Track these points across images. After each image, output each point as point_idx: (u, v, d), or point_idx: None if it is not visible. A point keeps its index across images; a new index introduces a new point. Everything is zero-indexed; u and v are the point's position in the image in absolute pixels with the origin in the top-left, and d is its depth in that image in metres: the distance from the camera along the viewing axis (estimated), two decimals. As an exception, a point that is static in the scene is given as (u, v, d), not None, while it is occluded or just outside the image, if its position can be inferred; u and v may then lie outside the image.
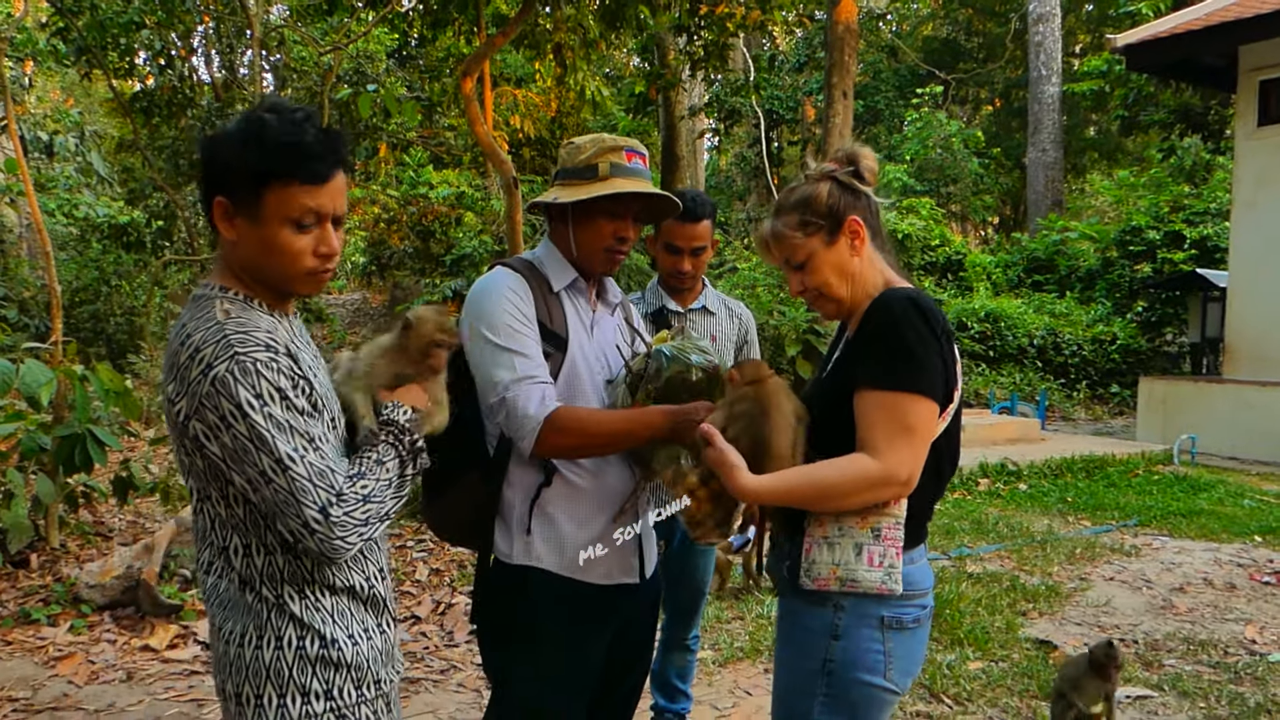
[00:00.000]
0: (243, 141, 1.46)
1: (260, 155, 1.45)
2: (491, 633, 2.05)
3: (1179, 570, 5.64)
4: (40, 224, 5.84)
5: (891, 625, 1.73)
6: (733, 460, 1.65)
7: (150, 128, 12.10)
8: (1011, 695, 3.74)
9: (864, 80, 21.33)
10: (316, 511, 1.44)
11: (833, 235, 1.80)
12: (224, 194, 1.49)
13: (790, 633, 1.84)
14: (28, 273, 11.76)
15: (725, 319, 3.11)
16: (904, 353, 1.66)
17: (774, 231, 1.85)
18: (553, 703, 1.97)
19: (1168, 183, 16.52)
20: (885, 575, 1.69)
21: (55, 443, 4.41)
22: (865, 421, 1.67)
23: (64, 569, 4.79)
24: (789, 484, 1.67)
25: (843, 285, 1.81)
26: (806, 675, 1.76)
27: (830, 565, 1.71)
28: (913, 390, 1.65)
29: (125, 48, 11.42)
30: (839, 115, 11.60)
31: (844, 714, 1.74)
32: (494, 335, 1.91)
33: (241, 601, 1.55)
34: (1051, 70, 19.42)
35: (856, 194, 1.83)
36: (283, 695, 1.53)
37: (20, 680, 3.75)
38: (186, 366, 1.44)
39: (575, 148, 2.05)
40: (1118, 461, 9.15)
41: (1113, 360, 14.49)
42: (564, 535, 1.96)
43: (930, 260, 16.09)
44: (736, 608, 4.75)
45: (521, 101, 15.06)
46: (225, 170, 1.48)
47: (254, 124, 1.47)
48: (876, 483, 1.64)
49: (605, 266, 2.08)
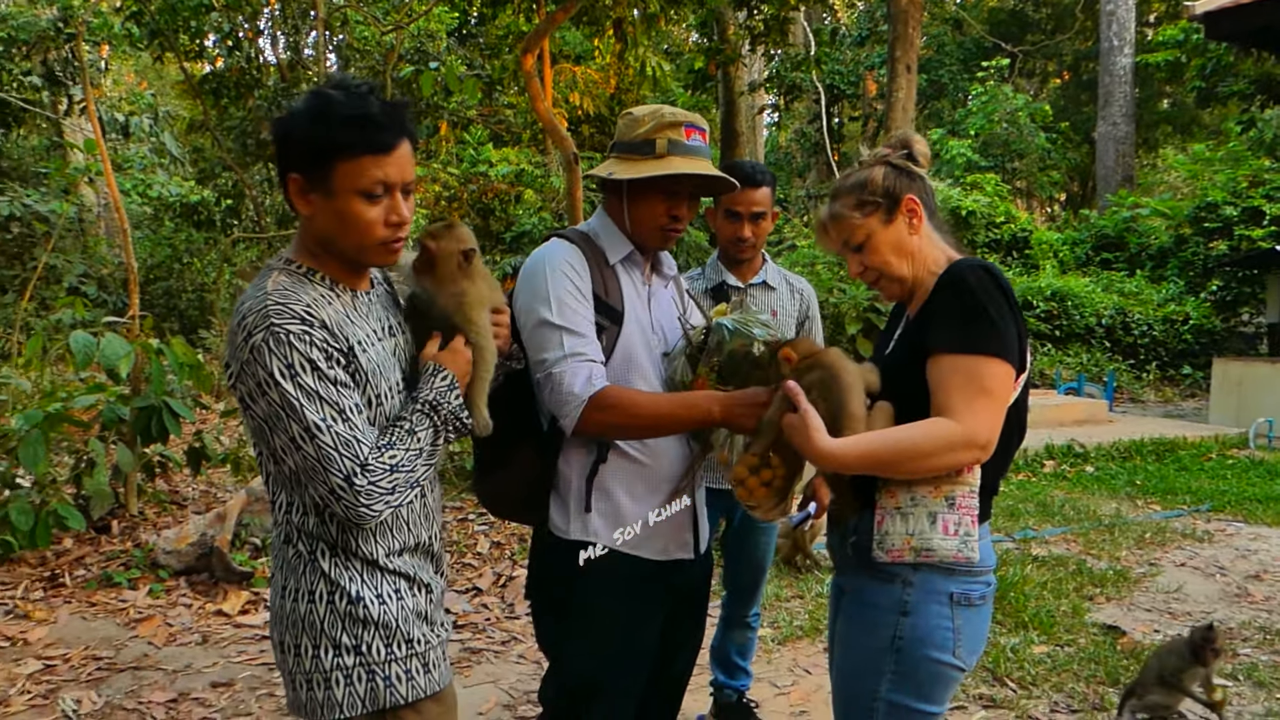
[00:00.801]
0: (311, 119, 1.52)
1: (328, 130, 1.50)
2: (547, 607, 2.05)
3: (1254, 557, 5.48)
4: (118, 203, 6.04)
5: (960, 601, 1.72)
6: (814, 422, 1.64)
7: (219, 108, 12.41)
8: (1078, 681, 3.67)
9: (927, 54, 20.90)
10: (341, 479, 1.48)
11: (890, 214, 1.80)
12: (297, 170, 1.54)
13: (855, 610, 1.83)
14: (106, 251, 12.18)
15: (786, 294, 3.07)
16: (980, 316, 1.65)
17: (831, 214, 1.86)
18: (608, 677, 1.97)
19: (1246, 156, 15.91)
20: (961, 543, 1.69)
21: (133, 414, 4.58)
22: (942, 386, 1.66)
23: (142, 535, 4.96)
24: (868, 446, 1.64)
25: (903, 264, 1.82)
26: (874, 653, 1.75)
27: (904, 535, 1.69)
28: (989, 353, 1.64)
29: (195, 30, 11.74)
30: (902, 90, 11.41)
31: (911, 691, 1.73)
32: (545, 311, 1.89)
33: (285, 555, 1.63)
34: (1124, 40, 18.80)
35: (911, 176, 1.83)
36: (317, 646, 1.59)
37: (104, 640, 3.90)
38: (234, 334, 1.51)
39: (633, 120, 2.01)
40: (1189, 445, 8.92)
41: (1185, 341, 14.09)
42: (621, 511, 1.96)
43: (995, 238, 15.76)
44: (796, 586, 4.76)
45: (581, 78, 15.08)
46: (297, 147, 1.54)
47: (320, 101, 1.53)
48: (957, 445, 1.62)
49: (659, 243, 2.06)
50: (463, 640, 4.01)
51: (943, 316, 1.70)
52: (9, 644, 3.82)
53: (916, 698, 1.74)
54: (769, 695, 3.53)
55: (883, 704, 1.74)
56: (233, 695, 3.45)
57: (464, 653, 3.89)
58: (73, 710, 3.29)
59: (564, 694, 2.00)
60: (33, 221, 10.90)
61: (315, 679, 1.60)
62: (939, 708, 1.76)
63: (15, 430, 4.35)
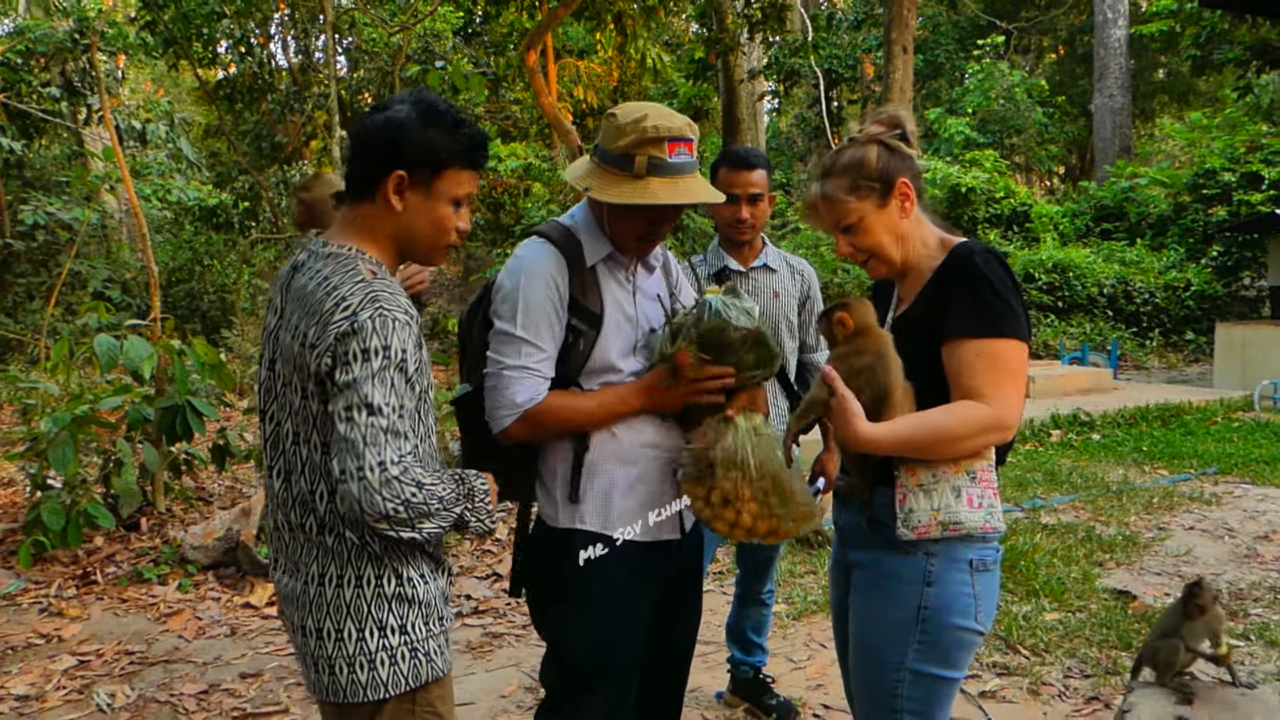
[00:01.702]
0: (428, 125, 1.64)
1: (445, 141, 1.65)
2: (540, 593, 2.06)
3: (1263, 518, 5.50)
4: (137, 208, 6.13)
5: (979, 568, 1.76)
6: (854, 408, 1.68)
7: (234, 113, 12.65)
8: (1090, 646, 3.69)
9: (923, 34, 21.02)
10: (375, 462, 1.51)
11: (884, 198, 1.80)
12: (405, 169, 1.63)
13: (877, 584, 1.83)
14: (128, 255, 12.41)
15: (787, 276, 3.08)
16: (996, 300, 1.69)
17: (824, 195, 1.83)
18: (606, 658, 1.98)
19: (1244, 122, 16.03)
20: (987, 515, 1.72)
21: (158, 414, 4.64)
22: (966, 370, 1.69)
23: (170, 531, 4.99)
24: (906, 432, 1.69)
25: (895, 246, 1.83)
26: (899, 625, 1.77)
27: (930, 511, 1.71)
28: (1009, 335, 1.69)
29: (208, 37, 11.97)
30: (899, 71, 11.59)
31: (937, 660, 1.76)
32: (510, 321, 1.90)
33: (324, 543, 1.65)
34: (1118, 13, 18.94)
35: (903, 156, 1.82)
36: (361, 629, 1.64)
37: (136, 635, 3.94)
38: (330, 310, 1.56)
39: (616, 126, 1.91)
40: (1195, 409, 8.97)
41: (1187, 307, 14.26)
42: (607, 500, 1.97)
43: (995, 213, 15.93)
44: (809, 562, 4.79)
45: (584, 72, 15.29)
46: (413, 149, 1.63)
47: (433, 111, 1.66)
48: (990, 427, 1.67)
49: (636, 253, 2.02)
50: (484, 625, 4.07)
51: (960, 303, 1.72)
52: (44, 641, 3.87)
53: (942, 665, 1.77)
54: (785, 670, 3.57)
55: (908, 674, 1.77)
56: (261, 685, 3.50)
57: (485, 637, 3.94)
58: (107, 704, 3.33)
59: (564, 676, 2.03)
60: (57, 229, 11.11)
61: (359, 661, 1.64)
62: (962, 673, 1.82)
63: (45, 433, 4.40)
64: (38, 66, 10.90)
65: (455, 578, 4.66)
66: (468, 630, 4.04)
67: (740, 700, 3.30)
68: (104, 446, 5.01)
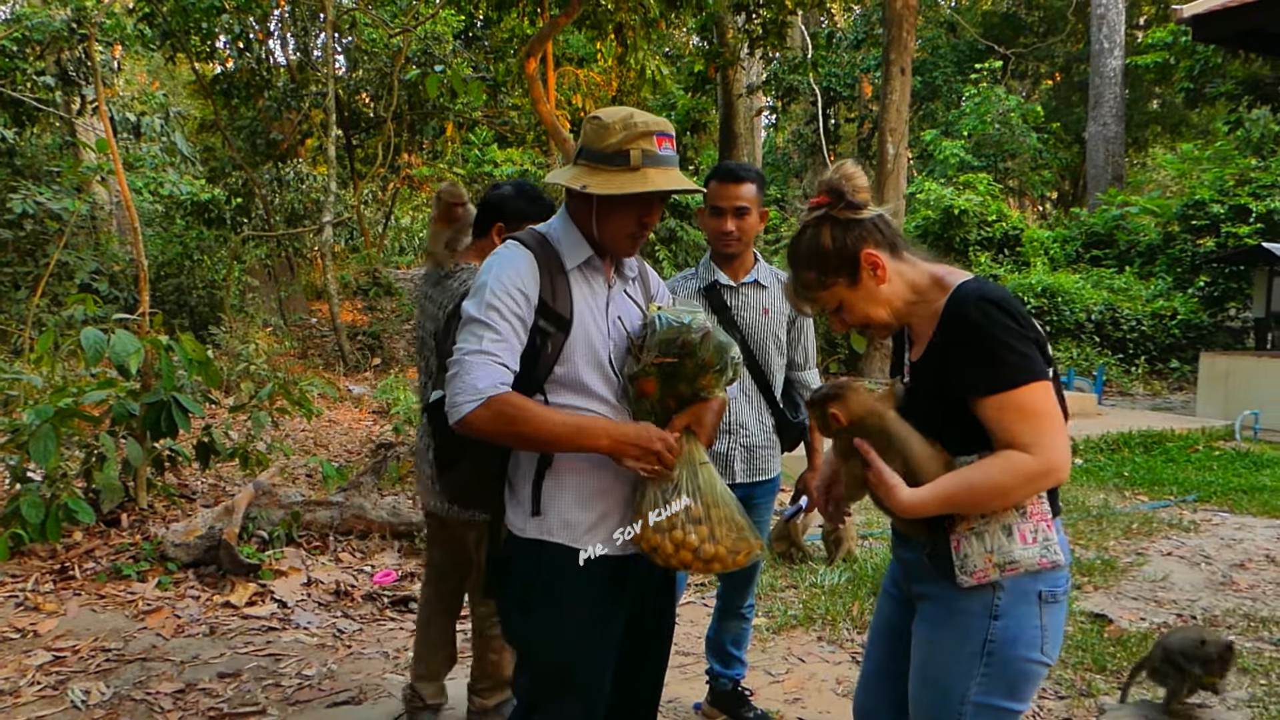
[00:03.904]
0: (517, 198, 2.87)
1: (526, 207, 2.81)
2: (510, 602, 2.06)
3: (1239, 547, 5.55)
4: (129, 201, 6.09)
5: (1048, 600, 1.74)
6: (891, 480, 1.70)
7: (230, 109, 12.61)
8: (1065, 667, 3.72)
9: (922, 56, 21.17)
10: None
11: (854, 276, 1.79)
12: (502, 221, 2.82)
13: (944, 616, 1.80)
14: (117, 248, 12.29)
15: (778, 293, 3.06)
16: (999, 351, 1.66)
17: (796, 288, 1.86)
18: (575, 669, 1.99)
19: (1234, 155, 16.18)
20: (1043, 549, 1.70)
21: (143, 409, 4.57)
22: (999, 427, 1.67)
23: (151, 528, 4.93)
24: (949, 491, 1.69)
25: (882, 310, 1.82)
26: (964, 657, 1.75)
27: (984, 554, 1.70)
28: (1025, 381, 1.65)
29: (207, 32, 11.94)
30: (896, 92, 11.67)
31: (1002, 691, 1.75)
32: (478, 310, 1.91)
33: None
34: (1114, 43, 19.12)
35: (859, 224, 1.79)
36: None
37: (113, 632, 3.88)
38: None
39: (603, 127, 1.94)
40: (1177, 437, 9.03)
41: (1173, 335, 14.36)
42: (569, 515, 1.97)
43: (987, 236, 16.04)
44: (790, 576, 4.82)
45: (583, 81, 15.32)
46: (508, 211, 2.83)
47: (527, 191, 2.91)
48: (1037, 476, 1.65)
49: (628, 250, 2.04)
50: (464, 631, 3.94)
51: (964, 362, 1.70)
52: (19, 635, 3.83)
53: (1007, 697, 1.76)
54: (764, 683, 3.58)
55: (970, 706, 1.76)
56: (239, 686, 3.48)
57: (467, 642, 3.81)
58: (82, 701, 3.30)
59: (535, 685, 2.04)
60: (45, 219, 11.00)
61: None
62: (1026, 705, 1.81)
63: (27, 425, 4.32)
64: (33, 54, 10.84)
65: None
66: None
67: (718, 712, 3.31)
68: (87, 440, 4.94)
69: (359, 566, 4.78)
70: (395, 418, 7.74)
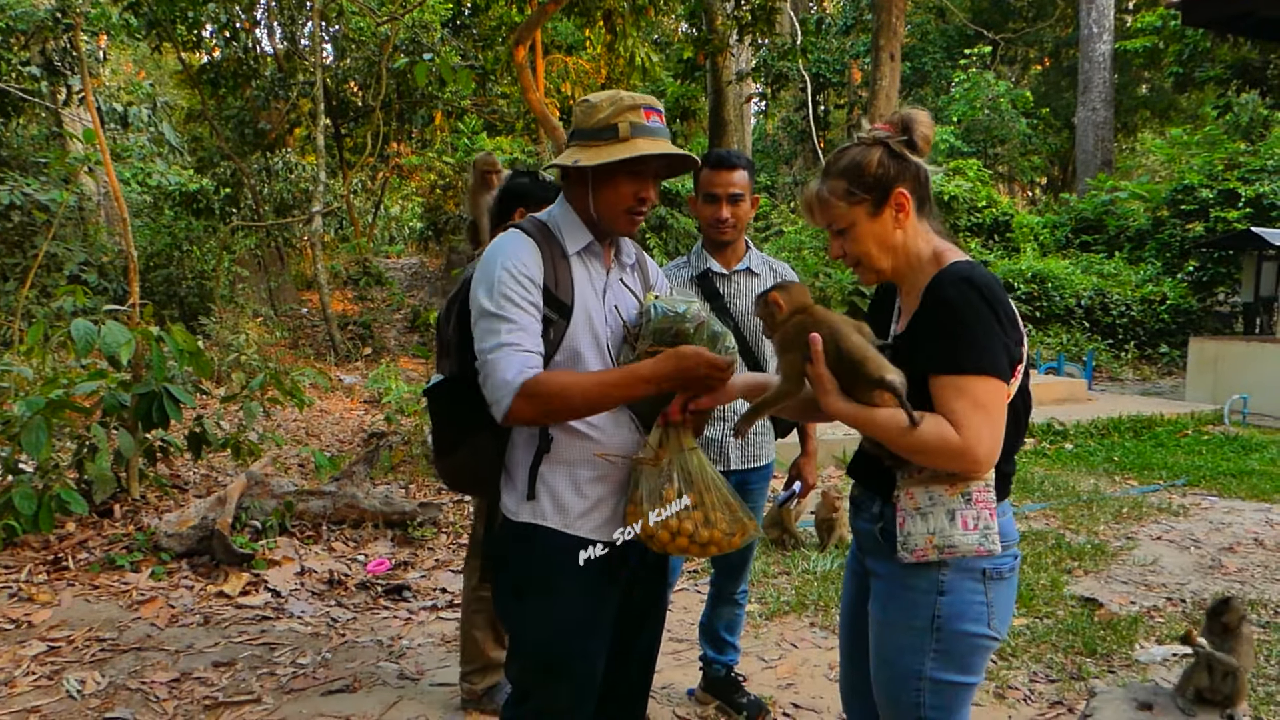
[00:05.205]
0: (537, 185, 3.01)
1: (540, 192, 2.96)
2: (504, 586, 2.07)
3: (1228, 530, 5.60)
4: (117, 192, 6.00)
5: (992, 576, 1.78)
6: (827, 376, 1.73)
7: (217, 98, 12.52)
8: (1056, 651, 3.77)
9: (911, 42, 21.16)
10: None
11: (878, 207, 1.78)
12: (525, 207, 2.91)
13: (892, 593, 1.84)
14: (106, 239, 12.22)
15: (769, 280, 3.05)
16: (965, 337, 1.67)
17: (820, 195, 1.83)
18: (567, 653, 2.00)
19: (1223, 140, 16.24)
20: (982, 537, 1.72)
21: (134, 400, 4.59)
22: (940, 402, 1.69)
23: (144, 519, 4.94)
24: (870, 417, 1.72)
25: (884, 257, 1.81)
26: (915, 633, 1.80)
27: (925, 535, 1.73)
28: (977, 372, 1.66)
29: (193, 21, 11.84)
30: (886, 78, 11.67)
31: (954, 666, 1.79)
32: (489, 302, 1.91)
33: None
34: (1103, 27, 19.14)
35: (907, 163, 1.79)
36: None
37: (107, 622, 3.90)
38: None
39: (591, 106, 1.99)
40: (1166, 421, 9.11)
41: (1162, 320, 14.43)
42: (564, 500, 1.98)
43: (977, 221, 16.07)
44: (783, 563, 4.85)
45: (572, 69, 15.27)
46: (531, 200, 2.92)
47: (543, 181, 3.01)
48: (954, 453, 1.65)
49: (627, 227, 2.04)
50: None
51: (929, 337, 1.71)
52: (14, 626, 3.83)
53: (959, 671, 1.80)
54: (757, 669, 3.61)
55: (928, 682, 1.80)
56: (234, 674, 3.49)
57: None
58: (77, 691, 3.31)
59: (527, 670, 2.06)
60: (33, 210, 10.92)
61: None
62: (978, 677, 1.85)
63: (18, 417, 4.33)
64: (17, 45, 10.74)
65: (431, 571, 4.67)
66: (443, 624, 4.04)
67: (711, 698, 3.33)
68: (78, 432, 4.94)
69: (352, 556, 4.79)
70: (387, 407, 7.74)
